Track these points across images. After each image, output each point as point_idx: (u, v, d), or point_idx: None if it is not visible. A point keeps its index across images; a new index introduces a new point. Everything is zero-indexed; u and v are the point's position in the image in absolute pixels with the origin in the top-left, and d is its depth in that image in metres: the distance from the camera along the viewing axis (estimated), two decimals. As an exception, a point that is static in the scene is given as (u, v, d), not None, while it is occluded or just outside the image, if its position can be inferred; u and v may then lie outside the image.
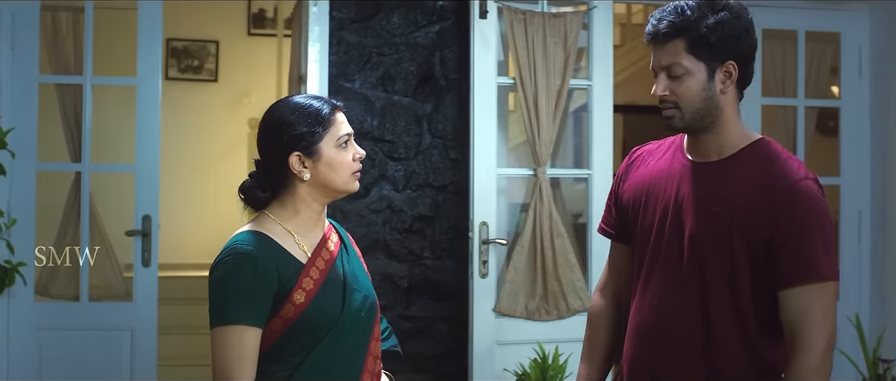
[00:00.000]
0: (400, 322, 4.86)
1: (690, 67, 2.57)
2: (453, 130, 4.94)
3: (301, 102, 2.60)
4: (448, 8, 4.95)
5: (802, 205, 2.52)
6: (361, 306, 2.61)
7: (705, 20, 2.54)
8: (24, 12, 4.83)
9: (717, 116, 2.62)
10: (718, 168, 2.66)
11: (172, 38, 8.76)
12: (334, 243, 2.67)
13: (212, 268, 2.49)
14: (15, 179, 4.77)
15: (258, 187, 2.59)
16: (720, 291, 2.61)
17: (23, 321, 4.81)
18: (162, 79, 8.55)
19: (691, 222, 2.64)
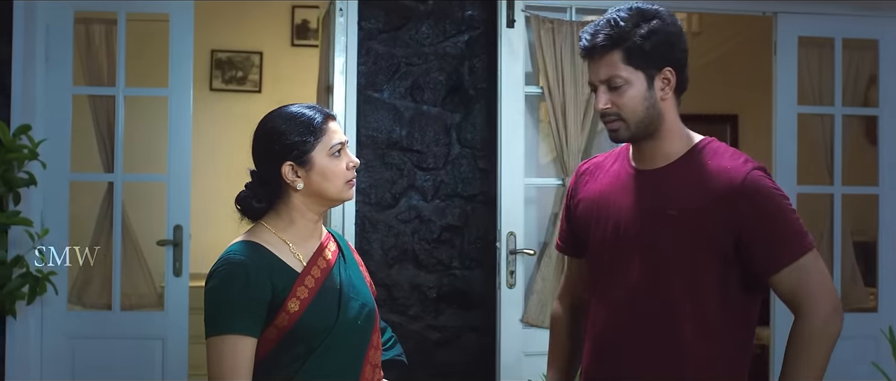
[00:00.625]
0: (428, 332, 4.86)
1: (629, 77, 2.61)
2: (482, 140, 4.93)
3: (293, 111, 2.61)
4: (477, 17, 4.94)
5: (759, 196, 2.55)
6: (358, 315, 2.61)
7: (639, 29, 2.58)
8: (58, 25, 4.89)
9: (660, 123, 2.66)
10: (667, 173, 2.68)
11: (216, 49, 8.81)
12: (332, 251, 2.67)
13: (207, 279, 2.51)
14: (48, 189, 4.82)
15: (254, 198, 2.60)
16: (680, 296, 2.61)
17: (56, 329, 4.85)
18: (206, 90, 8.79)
19: (646, 230, 2.66)
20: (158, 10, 4.99)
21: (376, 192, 4.86)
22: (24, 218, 4.42)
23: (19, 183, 4.46)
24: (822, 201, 5.53)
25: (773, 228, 2.54)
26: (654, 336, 2.64)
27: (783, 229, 2.54)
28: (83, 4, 4.97)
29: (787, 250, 2.53)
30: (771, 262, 2.54)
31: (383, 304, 4.83)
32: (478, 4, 4.94)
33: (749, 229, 2.54)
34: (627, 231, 2.69)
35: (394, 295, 4.85)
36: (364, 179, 4.84)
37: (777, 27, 5.30)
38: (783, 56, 5.29)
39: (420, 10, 4.92)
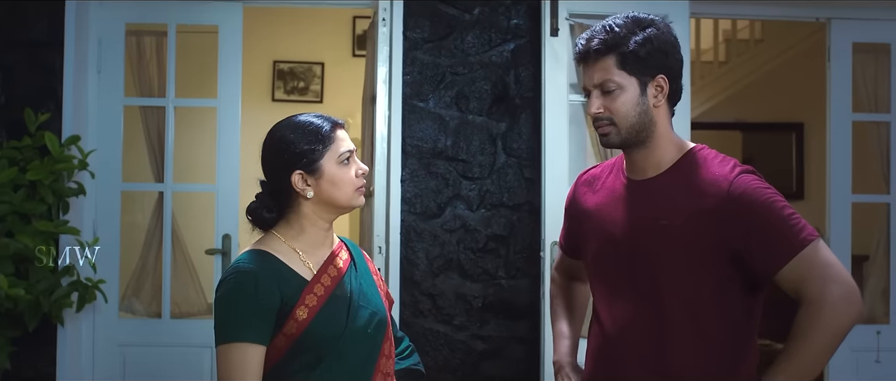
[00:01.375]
0: (473, 342, 4.85)
1: (622, 83, 2.62)
2: (528, 149, 4.91)
3: (302, 120, 2.63)
4: (523, 26, 4.93)
5: (749, 199, 2.53)
6: (368, 323, 2.62)
7: (634, 36, 2.60)
8: (110, 37, 4.97)
9: (652, 131, 2.66)
10: (659, 183, 2.68)
11: (278, 60, 8.92)
12: (343, 260, 2.69)
13: (216, 288, 2.54)
14: (100, 199, 4.91)
15: (264, 208, 2.62)
16: (675, 305, 2.60)
17: (107, 336, 4.93)
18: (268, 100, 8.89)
19: (641, 241, 2.65)
20: (208, 21, 5.05)
21: (421, 201, 4.86)
22: (71, 227, 4.49)
23: (68, 193, 4.53)
24: (878, 210, 5.43)
25: (766, 227, 2.51)
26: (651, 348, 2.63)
27: (777, 226, 2.50)
28: (134, 16, 5.04)
29: (784, 246, 2.48)
30: (771, 261, 2.51)
31: (428, 314, 4.83)
32: (523, 13, 4.93)
33: (743, 233, 2.51)
34: (622, 244, 2.70)
35: (439, 304, 4.85)
36: (409, 189, 4.85)
37: (831, 33, 5.22)
38: (837, 63, 5.21)
39: (465, 20, 4.92)
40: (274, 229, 2.64)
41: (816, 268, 2.47)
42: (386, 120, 4.66)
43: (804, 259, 2.47)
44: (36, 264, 4.34)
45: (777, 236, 2.50)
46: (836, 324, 2.43)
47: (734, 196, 2.53)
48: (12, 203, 4.34)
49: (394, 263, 4.78)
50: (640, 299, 2.65)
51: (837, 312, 2.43)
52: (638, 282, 2.66)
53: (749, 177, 2.57)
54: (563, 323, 3.10)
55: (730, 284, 2.58)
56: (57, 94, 4.75)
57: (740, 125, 9.45)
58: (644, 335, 2.64)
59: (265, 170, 2.66)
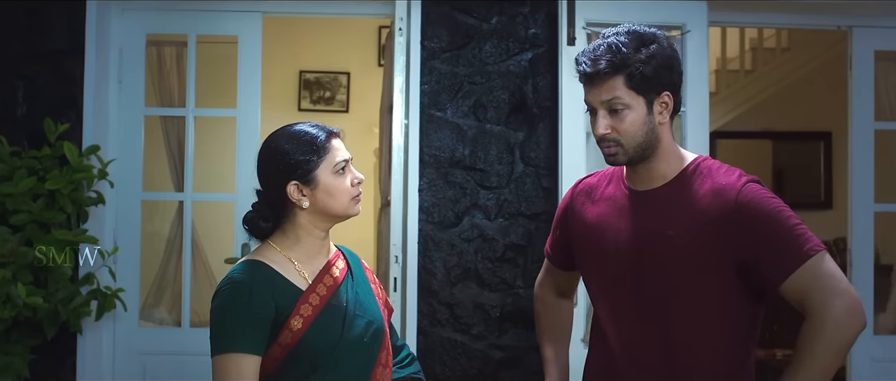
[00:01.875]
0: (491, 351, 4.84)
1: (630, 102, 2.61)
2: (546, 159, 4.89)
3: (297, 130, 2.64)
4: (540, 36, 4.92)
5: (756, 208, 2.52)
6: (364, 333, 2.62)
7: (639, 54, 2.58)
8: (131, 47, 5.01)
9: (657, 146, 2.66)
10: (663, 193, 2.67)
11: (305, 70, 8.96)
12: (340, 269, 2.69)
13: (212, 298, 2.54)
14: (120, 208, 4.94)
15: (260, 218, 2.63)
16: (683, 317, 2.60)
17: (128, 345, 4.95)
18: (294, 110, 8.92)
19: (646, 253, 2.64)
20: (228, 32, 5.07)
21: (439, 211, 4.86)
22: (90, 236, 4.52)
23: (87, 202, 4.56)
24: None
25: (773, 237, 2.50)
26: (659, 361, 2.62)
27: (783, 237, 2.49)
28: (155, 27, 5.08)
29: (789, 257, 2.47)
30: (775, 272, 2.49)
31: (445, 323, 4.83)
32: (541, 22, 4.93)
33: (749, 242, 2.50)
34: (626, 256, 2.68)
35: (456, 314, 4.84)
36: (427, 198, 4.85)
37: (852, 42, 5.18)
38: (859, 71, 5.16)
39: (483, 29, 4.92)
40: (270, 239, 2.65)
41: (821, 280, 2.45)
42: (402, 130, 4.66)
43: (809, 270, 2.46)
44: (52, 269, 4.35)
45: (783, 246, 2.48)
46: (839, 338, 2.42)
47: (741, 205, 2.52)
48: (31, 212, 4.37)
49: (411, 272, 4.79)
50: (647, 312, 2.64)
51: (840, 325, 2.42)
52: (644, 295, 2.64)
53: (756, 186, 2.56)
54: (549, 348, 3.09)
55: (736, 294, 2.58)
56: (78, 104, 4.78)
57: (770, 134, 9.40)
58: (651, 348, 2.63)
59: (261, 180, 2.67)
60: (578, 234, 2.89)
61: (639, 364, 2.65)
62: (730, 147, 9.35)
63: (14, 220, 4.35)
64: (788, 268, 2.47)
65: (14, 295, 4.16)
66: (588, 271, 2.87)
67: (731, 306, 2.58)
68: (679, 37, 4.86)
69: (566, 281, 3.09)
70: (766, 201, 2.52)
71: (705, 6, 4.85)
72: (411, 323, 4.75)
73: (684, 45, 4.84)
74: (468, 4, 4.93)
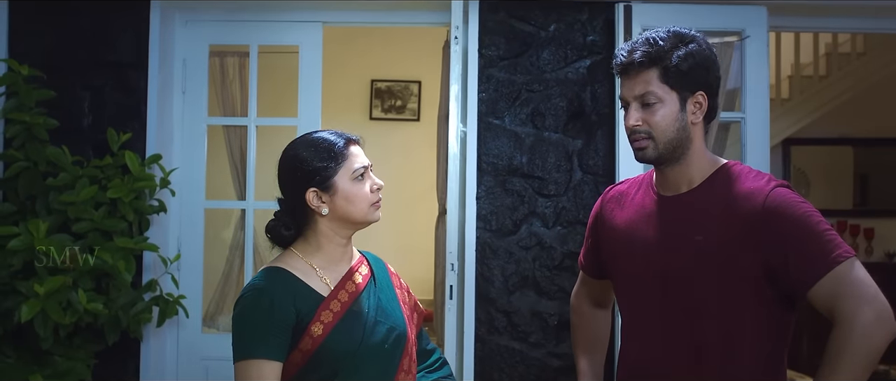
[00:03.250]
0: (549, 359, 4.82)
1: (663, 96, 2.60)
2: (604, 166, 4.87)
3: (316, 137, 2.66)
4: (599, 43, 4.90)
5: (785, 213, 2.48)
6: (385, 339, 2.63)
7: (677, 51, 2.59)
8: (194, 58, 5.09)
9: (688, 147, 2.65)
10: (691, 199, 2.65)
11: (376, 79, 9.02)
12: (362, 275, 2.71)
13: (235, 304, 2.58)
14: (184, 216, 5.02)
15: (282, 225, 2.66)
16: (711, 324, 2.56)
17: (191, 350, 5.03)
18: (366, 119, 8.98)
19: (674, 258, 2.61)
20: (289, 41, 5.12)
21: (497, 218, 4.86)
22: (150, 244, 4.59)
23: (149, 210, 4.64)
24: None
25: (800, 242, 2.46)
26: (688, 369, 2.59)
27: (812, 242, 2.45)
28: (217, 37, 5.15)
29: (818, 263, 2.43)
30: (804, 277, 2.45)
31: (503, 331, 4.82)
32: (599, 29, 4.91)
33: (777, 247, 2.47)
34: (654, 262, 2.66)
35: (514, 322, 4.83)
36: (484, 206, 4.86)
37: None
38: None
39: (541, 37, 4.91)
40: (292, 246, 2.68)
41: (850, 286, 2.41)
42: (458, 137, 4.67)
43: (838, 276, 2.41)
44: (114, 276, 4.44)
45: (812, 250, 2.45)
46: (868, 345, 2.37)
47: (770, 209, 2.48)
48: (93, 220, 4.45)
49: (469, 280, 4.79)
50: (674, 317, 2.62)
51: (869, 333, 2.37)
52: (672, 300, 2.62)
53: (785, 191, 2.53)
54: (584, 360, 3.09)
55: (765, 300, 2.54)
56: (142, 114, 4.87)
57: (849, 140, 9.25)
58: (679, 355, 2.61)
59: (281, 188, 2.70)
60: (608, 240, 2.89)
61: (666, 370, 2.63)
62: (808, 153, 9.24)
63: (76, 228, 4.44)
64: (817, 273, 2.43)
65: (75, 301, 4.24)
66: (617, 277, 2.86)
67: (759, 313, 2.55)
68: (738, 42, 4.80)
69: (600, 290, 3.08)
70: (794, 206, 2.49)
71: (765, 11, 4.79)
72: (469, 331, 4.76)
73: (744, 50, 4.78)
74: (526, 12, 4.93)
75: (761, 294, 2.53)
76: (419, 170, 8.31)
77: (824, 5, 4.91)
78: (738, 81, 4.89)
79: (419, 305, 2.94)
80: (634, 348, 2.76)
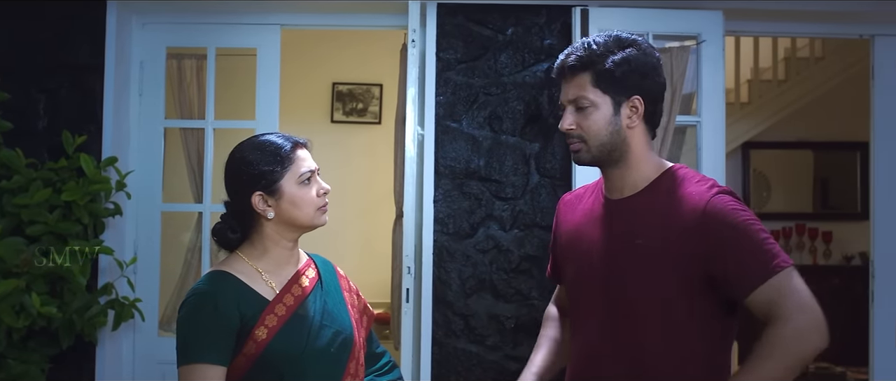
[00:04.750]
0: (506, 362, 4.83)
1: (596, 101, 2.61)
2: (561, 170, 4.88)
3: (262, 140, 2.66)
4: (556, 47, 4.90)
5: (724, 219, 2.48)
6: (331, 343, 2.63)
7: (611, 55, 2.60)
8: (151, 60, 5.07)
9: (625, 151, 2.65)
10: (635, 202, 2.66)
11: (337, 81, 9.01)
12: (309, 278, 2.70)
13: (178, 309, 2.57)
14: (140, 219, 4.99)
15: (228, 229, 2.65)
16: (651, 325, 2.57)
17: (147, 354, 5.00)
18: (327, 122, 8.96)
19: (616, 261, 2.63)
20: (247, 44, 5.11)
21: (454, 221, 4.87)
22: (105, 247, 4.57)
23: (104, 213, 4.61)
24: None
25: (739, 249, 2.47)
26: (627, 370, 2.60)
27: (751, 249, 2.46)
28: (175, 40, 5.14)
29: (757, 271, 2.44)
30: (742, 284, 2.47)
31: (460, 334, 4.83)
32: (556, 33, 4.92)
33: (716, 253, 2.48)
34: (597, 265, 2.68)
35: (471, 325, 4.84)
36: (442, 209, 4.86)
37: (874, 51, 5.12)
38: (881, 80, 5.11)
39: (499, 40, 4.92)
40: (238, 250, 2.67)
41: (787, 296, 2.42)
42: (415, 141, 4.67)
43: (775, 285, 2.43)
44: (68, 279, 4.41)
45: (750, 259, 2.46)
46: (800, 349, 2.38)
47: (709, 215, 2.49)
48: (47, 223, 4.42)
49: (426, 283, 4.80)
50: (616, 320, 2.63)
51: (804, 338, 2.39)
52: (613, 303, 2.63)
53: (726, 197, 2.54)
54: (538, 354, 3.04)
55: (705, 303, 2.55)
56: (97, 116, 4.84)
57: (807, 144, 9.32)
58: (620, 357, 2.62)
59: (228, 190, 2.69)
60: (560, 244, 2.91)
61: (609, 372, 2.64)
62: (767, 157, 9.31)
63: (30, 231, 4.41)
64: (755, 281, 2.44)
65: (28, 304, 4.21)
66: (566, 280, 2.88)
67: (698, 317, 2.55)
68: (694, 47, 4.83)
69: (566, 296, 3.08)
70: (734, 213, 2.50)
71: (721, 16, 4.82)
72: (426, 334, 4.77)
73: (700, 54, 4.81)
74: (483, 16, 4.94)
75: (702, 298, 2.54)
76: (381, 173, 8.29)
77: (781, 10, 4.94)
78: (695, 85, 4.92)
79: (369, 308, 2.93)
80: (580, 349, 2.77)
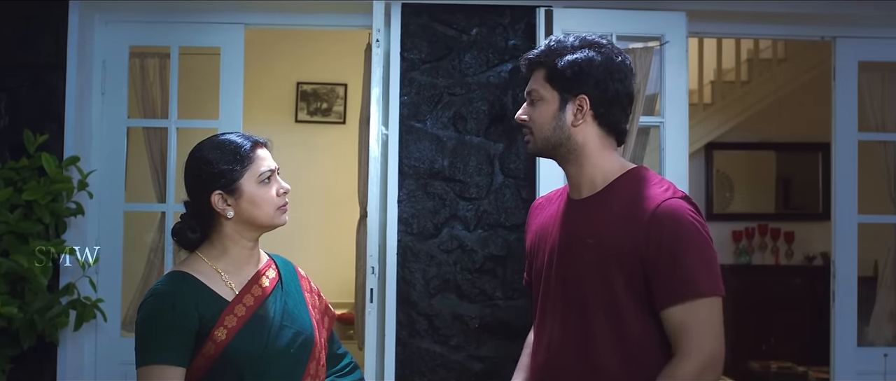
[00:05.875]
0: (470, 363, 4.84)
1: (545, 95, 2.71)
2: (526, 170, 4.90)
3: (222, 139, 2.65)
4: (520, 47, 4.92)
5: (670, 224, 2.51)
6: (291, 343, 2.62)
7: (569, 55, 2.67)
8: (114, 59, 5.04)
9: (574, 148, 2.71)
10: (592, 202, 2.70)
11: (302, 81, 8.99)
12: (270, 279, 2.70)
13: (137, 309, 2.56)
14: (103, 219, 4.96)
15: (188, 228, 2.64)
16: (602, 324, 2.59)
17: (110, 355, 4.97)
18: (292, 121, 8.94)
19: (570, 260, 2.66)
20: (210, 43, 5.08)
21: (418, 222, 4.87)
22: (67, 246, 4.54)
23: (66, 212, 4.58)
24: (886, 230, 5.37)
25: (672, 260, 2.49)
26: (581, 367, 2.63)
27: (685, 264, 2.49)
28: (138, 38, 5.10)
29: (682, 286, 2.48)
30: (662, 295, 2.51)
31: (424, 334, 4.83)
32: (521, 33, 4.93)
33: (651, 256, 2.51)
34: (555, 261, 2.72)
35: (435, 325, 4.84)
36: (406, 209, 4.86)
37: (836, 52, 5.17)
38: (842, 82, 5.16)
39: (463, 41, 4.93)
40: (198, 250, 2.66)
41: (701, 324, 2.47)
42: (379, 140, 4.67)
43: (693, 309, 2.48)
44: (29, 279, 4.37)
45: (678, 273, 2.49)
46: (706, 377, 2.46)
47: (657, 217, 2.52)
48: (8, 223, 4.39)
49: (390, 283, 4.80)
50: (571, 318, 2.66)
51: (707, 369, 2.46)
52: (569, 301, 2.67)
53: (679, 203, 2.56)
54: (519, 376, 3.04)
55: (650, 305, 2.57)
56: (59, 115, 4.81)
57: (770, 145, 9.39)
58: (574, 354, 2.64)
59: (187, 189, 2.69)
60: (529, 248, 2.95)
61: (562, 369, 2.67)
62: (730, 158, 9.36)
63: (-10, 230, 4.38)
64: (680, 295, 2.48)
65: (-12, 305, 4.18)
66: (532, 280, 2.91)
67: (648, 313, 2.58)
68: (658, 48, 4.86)
69: None
70: (683, 223, 2.52)
71: (684, 17, 4.85)
72: (390, 334, 4.76)
73: (663, 56, 4.84)
74: (448, 16, 4.94)
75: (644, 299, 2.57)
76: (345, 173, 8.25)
77: (743, 12, 4.98)
78: (658, 86, 4.95)
79: (331, 308, 2.93)
80: (540, 348, 2.79)
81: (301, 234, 7.62)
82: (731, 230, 9.31)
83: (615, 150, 2.78)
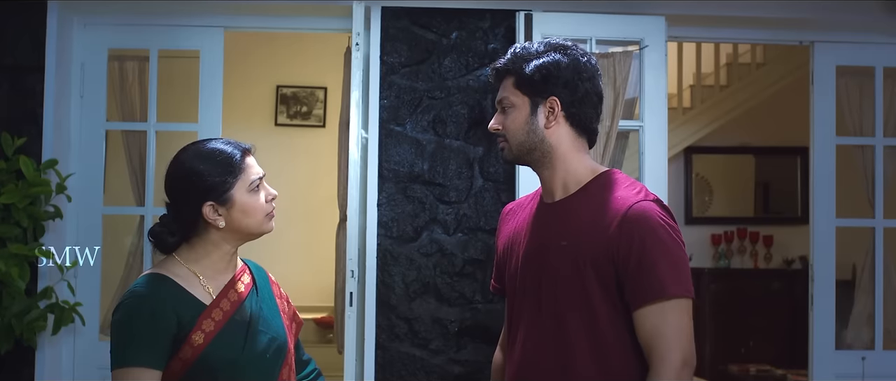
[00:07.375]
0: (450, 366, 4.84)
1: (516, 102, 2.71)
2: (505, 173, 4.90)
3: (212, 148, 2.63)
4: (500, 51, 4.92)
5: (641, 225, 2.52)
6: (267, 349, 2.62)
7: (536, 60, 2.68)
8: (93, 62, 5.02)
9: (547, 151, 2.72)
10: (564, 205, 2.70)
11: (281, 84, 8.98)
12: (245, 284, 2.69)
13: (113, 311, 2.54)
14: (81, 222, 4.94)
15: (168, 232, 2.62)
16: (577, 327, 2.60)
17: (88, 359, 4.94)
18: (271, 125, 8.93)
19: (543, 263, 2.67)
20: (190, 46, 5.07)
21: (398, 225, 4.87)
22: (45, 250, 4.52)
23: (44, 216, 4.56)
24: (864, 234, 5.39)
25: (644, 261, 2.50)
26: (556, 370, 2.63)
27: (655, 265, 2.50)
28: (117, 41, 5.09)
29: (652, 287, 2.49)
30: (635, 296, 2.52)
31: (404, 338, 4.83)
32: (501, 37, 4.94)
33: (622, 257, 2.52)
34: (527, 265, 2.72)
35: (415, 329, 4.84)
36: (386, 213, 4.86)
37: (814, 57, 5.20)
38: (820, 86, 5.18)
39: (443, 44, 4.93)
40: (176, 253, 2.65)
41: (671, 327, 2.48)
42: (359, 144, 4.66)
43: (664, 310, 2.49)
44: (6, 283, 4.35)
45: (649, 274, 2.50)
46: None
47: (628, 219, 2.53)
48: (-15, 227, 4.38)
49: (370, 287, 4.80)
50: (545, 322, 2.66)
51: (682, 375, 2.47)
52: (543, 305, 2.67)
53: (650, 206, 2.57)
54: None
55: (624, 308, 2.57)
56: (38, 118, 4.79)
57: (749, 149, 9.42)
58: (550, 357, 2.65)
59: (173, 197, 2.65)
60: (500, 253, 2.94)
61: (537, 373, 2.67)
62: (709, 162, 9.39)
63: (-32, 234, 4.36)
64: (651, 296, 2.50)
65: (-34, 309, 4.16)
66: (505, 284, 2.90)
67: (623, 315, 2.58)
68: (637, 52, 4.87)
69: None
70: (653, 225, 2.53)
71: (664, 21, 4.87)
72: (370, 338, 4.76)
73: (642, 60, 4.85)
74: (428, 20, 4.94)
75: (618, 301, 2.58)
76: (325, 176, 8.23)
77: (723, 16, 5.00)
78: (638, 90, 4.96)
79: (298, 315, 2.93)
80: (513, 353, 2.79)
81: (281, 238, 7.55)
82: (711, 234, 9.33)
83: (587, 152, 2.79)
